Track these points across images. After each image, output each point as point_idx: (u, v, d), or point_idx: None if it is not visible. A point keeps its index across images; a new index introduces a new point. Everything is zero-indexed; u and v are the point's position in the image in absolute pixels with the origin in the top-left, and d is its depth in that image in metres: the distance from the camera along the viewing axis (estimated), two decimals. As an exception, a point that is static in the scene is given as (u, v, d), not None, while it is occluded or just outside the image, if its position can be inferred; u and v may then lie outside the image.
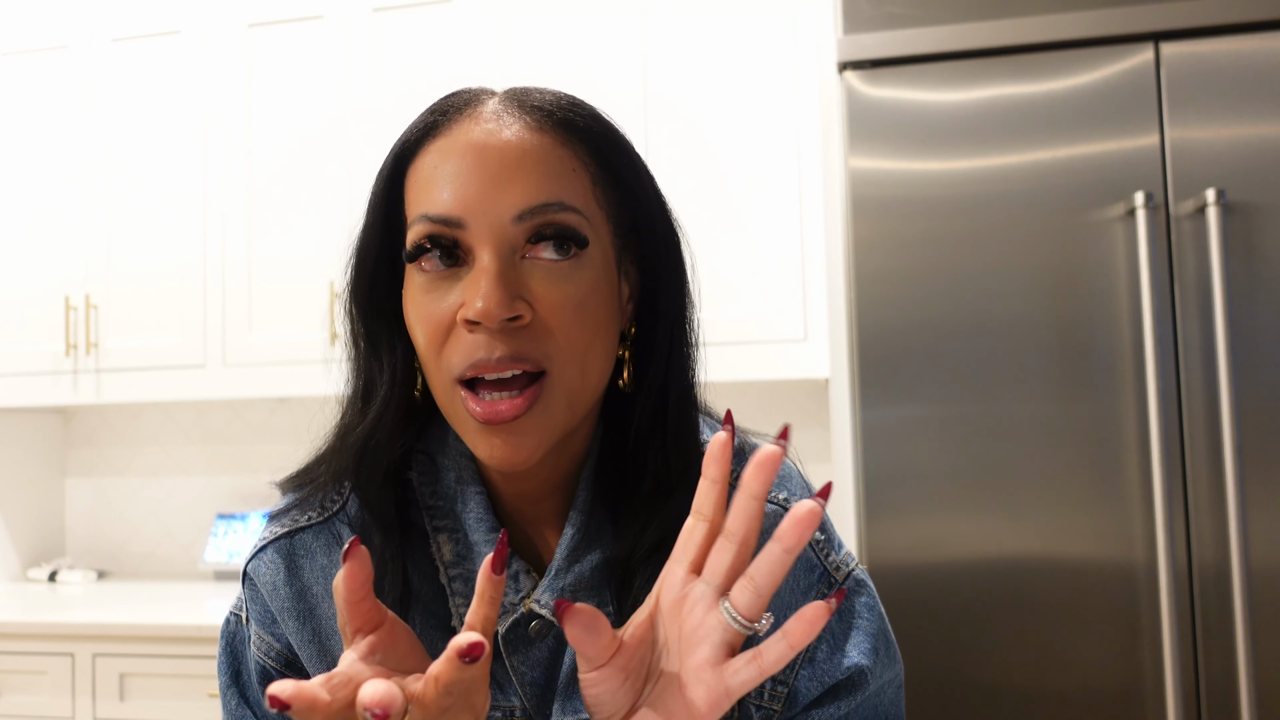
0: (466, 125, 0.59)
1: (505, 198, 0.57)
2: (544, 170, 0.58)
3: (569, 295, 0.58)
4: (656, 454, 0.63)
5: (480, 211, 0.57)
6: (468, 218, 0.57)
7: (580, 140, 0.60)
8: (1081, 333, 1.57)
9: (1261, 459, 1.51)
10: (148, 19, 2.39)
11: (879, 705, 0.66)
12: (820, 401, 2.32)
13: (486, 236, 0.57)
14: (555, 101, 0.61)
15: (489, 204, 0.57)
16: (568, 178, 0.59)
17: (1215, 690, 1.50)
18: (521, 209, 0.57)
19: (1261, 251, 1.54)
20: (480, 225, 0.57)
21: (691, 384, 0.67)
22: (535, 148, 0.58)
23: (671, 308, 0.65)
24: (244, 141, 2.32)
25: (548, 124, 0.60)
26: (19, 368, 2.39)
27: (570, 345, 0.58)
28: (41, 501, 2.68)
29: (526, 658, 0.64)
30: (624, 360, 0.64)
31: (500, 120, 0.59)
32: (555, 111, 0.61)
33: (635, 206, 0.63)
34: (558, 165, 0.59)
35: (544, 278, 0.58)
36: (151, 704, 1.99)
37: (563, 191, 0.58)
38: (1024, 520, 1.57)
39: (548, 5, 2.18)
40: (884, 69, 1.66)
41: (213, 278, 2.31)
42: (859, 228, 1.64)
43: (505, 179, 0.57)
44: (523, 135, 0.59)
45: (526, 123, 0.59)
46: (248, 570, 0.69)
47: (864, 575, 0.68)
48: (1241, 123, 1.56)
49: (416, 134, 0.61)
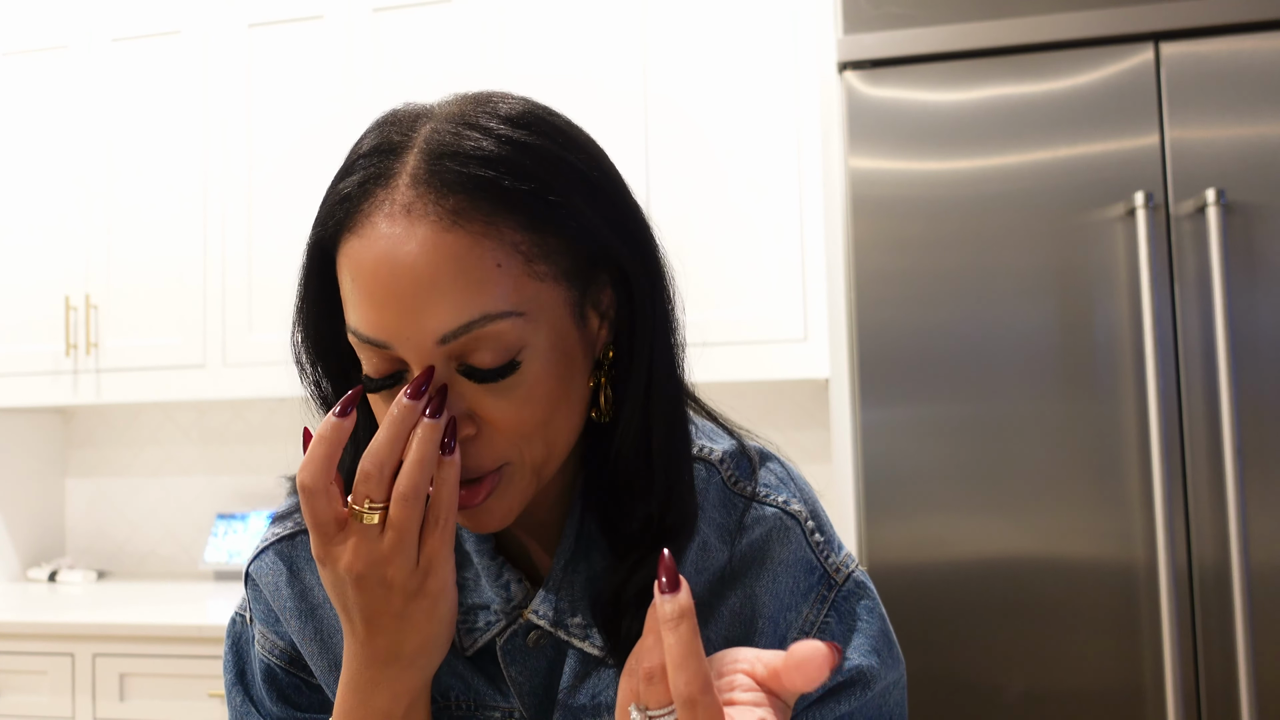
0: (375, 223, 0.53)
1: (422, 323, 0.53)
2: (461, 284, 0.52)
3: (513, 399, 0.55)
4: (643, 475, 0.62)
5: (403, 337, 0.53)
6: (392, 341, 0.54)
7: (509, 213, 0.54)
8: (1081, 333, 1.57)
9: (1261, 459, 1.51)
10: (148, 19, 2.39)
11: (883, 707, 0.66)
12: (820, 401, 2.32)
13: (414, 357, 0.54)
14: (483, 158, 0.54)
15: (409, 330, 0.53)
16: (491, 280, 0.53)
17: (1215, 690, 1.50)
18: (442, 333, 0.53)
19: (1261, 251, 1.53)
20: (406, 348, 0.54)
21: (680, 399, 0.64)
22: (448, 258, 0.52)
23: (652, 314, 0.61)
24: (244, 141, 2.32)
25: (465, 213, 0.53)
26: (19, 368, 2.39)
27: (525, 437, 0.57)
28: (41, 501, 2.68)
29: (525, 668, 0.64)
30: (600, 386, 0.62)
31: (409, 218, 0.53)
32: (478, 183, 0.53)
33: (593, 240, 0.57)
34: (476, 269, 0.53)
35: (484, 391, 0.55)
36: (151, 704, 1.99)
37: (486, 302, 0.53)
38: (1024, 520, 1.57)
39: (548, 5, 2.18)
40: (884, 69, 1.66)
41: (213, 278, 2.31)
42: (859, 228, 1.64)
43: (420, 304, 0.52)
44: (433, 242, 0.52)
45: (439, 219, 0.52)
46: (250, 572, 0.69)
47: (864, 577, 0.68)
48: (1241, 123, 1.56)
49: (331, 227, 0.56)
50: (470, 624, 0.64)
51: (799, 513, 0.67)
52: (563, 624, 0.63)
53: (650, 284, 0.60)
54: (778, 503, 0.67)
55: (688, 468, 0.64)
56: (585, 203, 0.57)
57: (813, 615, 0.65)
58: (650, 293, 0.60)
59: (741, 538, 0.66)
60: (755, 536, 0.66)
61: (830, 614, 0.65)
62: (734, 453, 0.69)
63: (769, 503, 0.67)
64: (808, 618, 0.65)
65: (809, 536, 0.66)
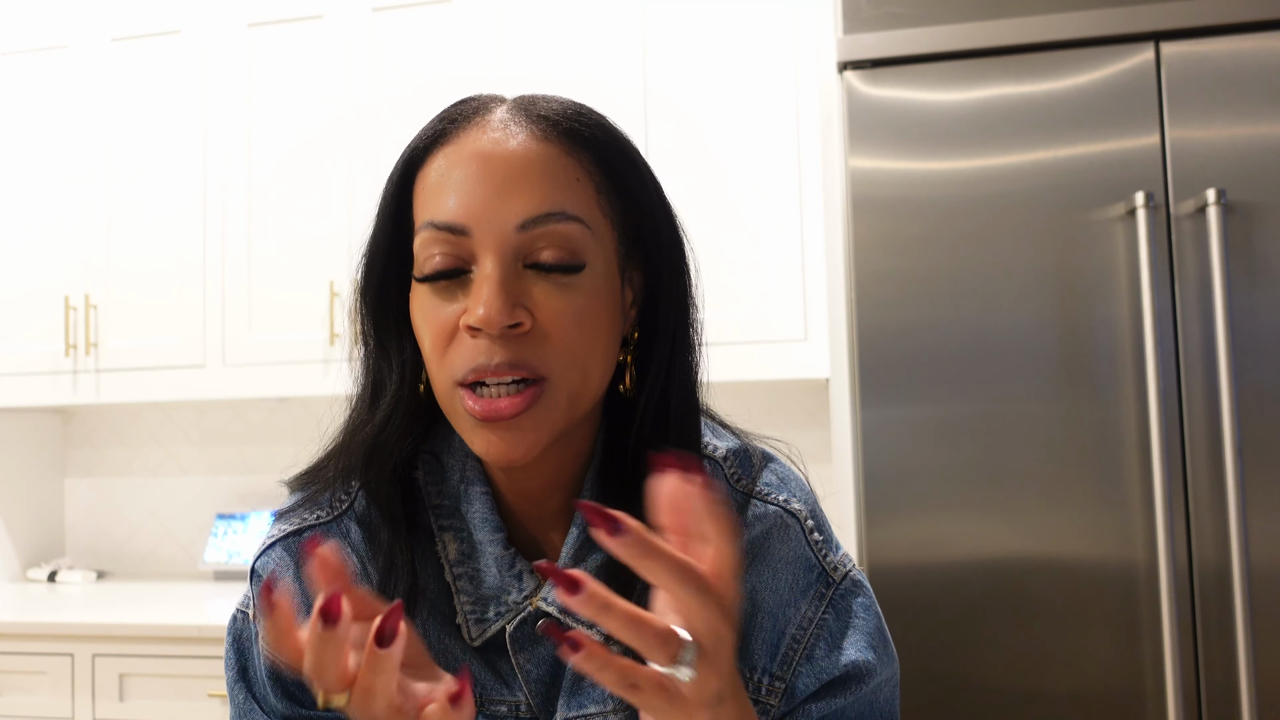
0: (474, 133, 0.60)
1: (509, 207, 0.58)
2: (548, 180, 0.59)
3: (569, 304, 0.59)
4: None
5: (484, 220, 0.58)
6: (472, 225, 0.58)
7: (586, 150, 0.61)
8: (1081, 333, 1.57)
9: (1261, 459, 1.51)
10: (147, 19, 2.39)
11: (875, 703, 0.67)
12: (820, 401, 2.32)
13: (490, 244, 0.58)
14: (562, 110, 0.62)
15: (493, 212, 0.58)
16: (572, 187, 0.60)
17: (1215, 690, 1.50)
18: (525, 218, 0.58)
19: (1261, 251, 1.53)
20: (484, 233, 0.58)
21: (694, 389, 0.68)
22: (540, 157, 0.59)
23: (674, 314, 0.66)
24: (244, 141, 2.32)
25: (553, 133, 0.60)
26: (19, 368, 2.39)
27: (570, 352, 0.59)
28: (41, 501, 2.68)
29: (532, 655, 0.65)
30: (626, 365, 0.65)
31: (507, 129, 0.60)
32: (561, 121, 0.61)
33: (640, 215, 0.64)
34: (562, 175, 0.59)
35: (545, 287, 0.59)
36: (151, 704, 1.98)
37: (566, 201, 0.59)
38: (1024, 520, 1.57)
39: (548, 5, 2.18)
40: (884, 69, 1.66)
41: (212, 278, 2.31)
42: (859, 228, 1.64)
43: (509, 188, 0.58)
44: (528, 145, 0.60)
45: (533, 132, 0.60)
46: (256, 567, 0.69)
47: (861, 576, 0.70)
48: (1241, 123, 1.56)
49: (425, 141, 0.62)
50: (480, 614, 0.65)
51: (799, 511, 0.69)
52: (570, 611, 0.64)
53: (674, 278, 0.66)
54: (778, 501, 0.69)
55: (698, 442, 0.68)
56: (642, 189, 0.64)
57: (811, 612, 0.67)
58: (673, 285, 0.65)
59: (743, 534, 0.67)
60: (756, 533, 0.67)
61: (828, 611, 0.67)
62: (737, 451, 0.71)
63: (770, 500, 0.69)
64: (806, 614, 0.66)
65: (808, 535, 0.68)
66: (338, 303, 2.22)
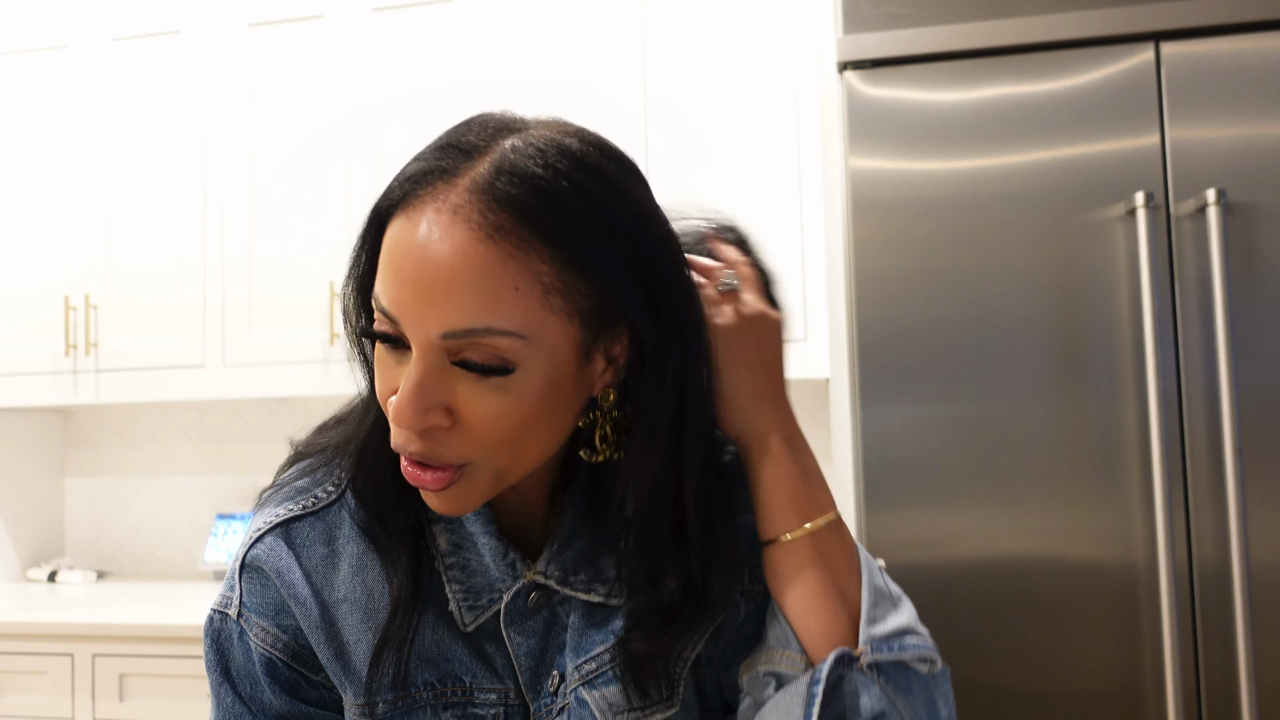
0: (424, 212, 0.56)
1: (432, 316, 0.55)
2: (475, 294, 0.55)
3: (497, 405, 0.57)
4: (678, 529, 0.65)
5: (410, 321, 0.56)
6: (401, 321, 0.57)
7: (545, 245, 0.56)
8: (1082, 333, 1.57)
9: (1261, 459, 1.51)
10: (147, 19, 2.39)
11: None
12: (820, 401, 2.32)
13: (416, 342, 0.57)
14: (533, 189, 0.56)
15: (418, 316, 0.56)
16: (507, 299, 0.55)
17: (1215, 690, 1.50)
18: (446, 330, 0.55)
19: (1261, 251, 1.54)
20: (411, 331, 0.57)
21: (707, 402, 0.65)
22: (473, 266, 0.55)
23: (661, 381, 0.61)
24: (244, 141, 2.32)
25: (505, 227, 0.55)
26: (19, 368, 2.39)
27: (494, 443, 0.58)
28: (41, 501, 2.68)
29: (523, 627, 0.67)
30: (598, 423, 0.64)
31: (452, 222, 0.55)
32: (524, 207, 0.55)
33: (613, 296, 0.59)
34: (496, 285, 0.55)
35: (471, 387, 0.57)
36: (151, 704, 1.98)
37: (495, 316, 0.55)
38: (1024, 520, 1.57)
39: (548, 5, 2.18)
40: (884, 69, 1.66)
41: (212, 278, 2.31)
42: (859, 228, 1.64)
43: (435, 298, 0.55)
44: (466, 248, 0.55)
45: (479, 227, 0.55)
46: (248, 560, 0.68)
47: None
48: (1242, 123, 1.56)
49: (392, 198, 0.59)
50: (472, 601, 0.67)
51: None
52: (567, 581, 0.67)
53: (671, 352, 0.61)
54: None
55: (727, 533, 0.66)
56: (620, 262, 0.58)
57: None
58: (665, 359, 0.61)
59: None
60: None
61: None
62: None
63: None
64: None
65: None
66: (337, 303, 2.22)
